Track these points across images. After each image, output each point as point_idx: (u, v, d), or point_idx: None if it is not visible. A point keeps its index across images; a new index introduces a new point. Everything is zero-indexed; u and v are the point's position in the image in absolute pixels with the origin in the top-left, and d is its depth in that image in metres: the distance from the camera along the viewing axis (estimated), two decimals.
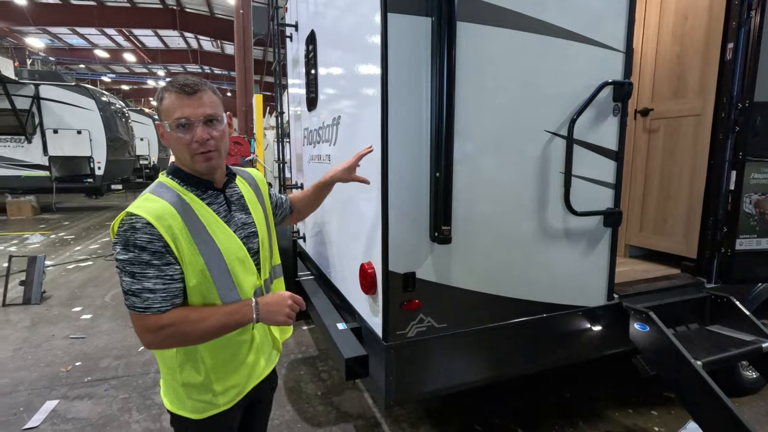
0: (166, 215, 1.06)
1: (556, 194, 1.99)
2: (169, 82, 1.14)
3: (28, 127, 10.19)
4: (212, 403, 1.20)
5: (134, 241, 1.03)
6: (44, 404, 2.77)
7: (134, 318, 1.07)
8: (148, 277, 1.04)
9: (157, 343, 1.09)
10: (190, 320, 1.08)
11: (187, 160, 1.14)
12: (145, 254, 1.04)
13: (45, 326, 4.03)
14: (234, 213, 1.24)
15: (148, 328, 1.06)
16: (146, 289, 1.04)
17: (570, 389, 2.92)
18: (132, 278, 1.04)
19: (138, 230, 1.03)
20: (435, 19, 1.63)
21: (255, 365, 1.28)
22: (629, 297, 2.27)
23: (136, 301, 1.05)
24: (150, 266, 1.04)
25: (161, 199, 1.09)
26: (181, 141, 1.11)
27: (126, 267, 1.04)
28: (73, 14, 16.84)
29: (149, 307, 1.05)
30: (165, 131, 1.13)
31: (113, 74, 27.73)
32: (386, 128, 1.67)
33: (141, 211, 1.05)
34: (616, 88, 2.02)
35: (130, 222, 1.04)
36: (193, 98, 1.11)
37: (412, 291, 1.77)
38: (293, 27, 3.34)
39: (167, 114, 1.11)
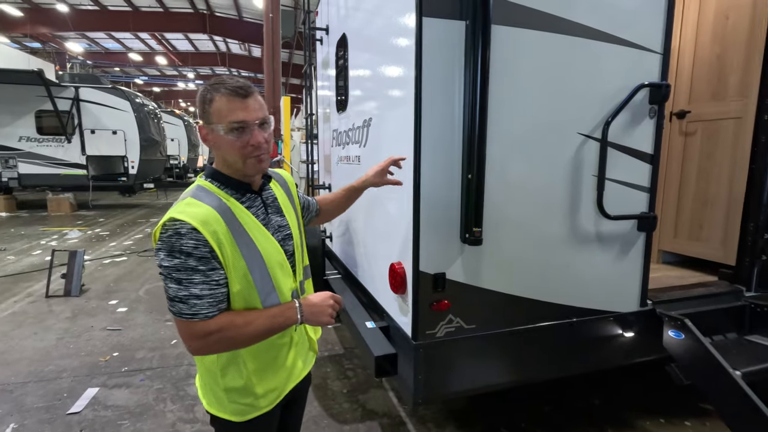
0: (211, 220, 1.04)
1: (589, 197, 1.97)
2: (215, 84, 1.09)
3: (68, 127, 10.70)
4: (254, 405, 1.20)
5: (180, 247, 1.01)
6: (86, 391, 2.91)
7: (181, 324, 1.05)
8: (195, 283, 1.02)
9: (204, 349, 1.08)
10: (237, 325, 1.07)
11: (239, 164, 1.12)
12: (191, 260, 1.02)
13: (84, 318, 4.23)
14: (271, 216, 1.23)
15: (196, 334, 1.04)
16: (193, 296, 1.03)
17: (598, 395, 2.86)
18: (178, 285, 1.02)
19: (183, 236, 1.01)
20: (469, 22, 1.64)
21: (293, 367, 1.29)
22: (663, 303, 2.22)
23: (183, 308, 1.03)
24: (196, 272, 1.02)
25: (204, 204, 1.07)
26: (235, 144, 1.09)
27: (172, 273, 1.02)
28: (110, 20, 17.57)
29: (197, 313, 1.03)
30: (213, 134, 1.10)
31: (146, 77, 28.74)
32: (419, 130, 1.70)
33: (185, 216, 1.02)
34: (653, 90, 1.99)
35: (175, 228, 1.01)
36: (247, 101, 1.09)
37: (441, 291, 1.79)
38: (324, 30, 3.40)
39: (219, 117, 1.08)
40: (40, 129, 10.69)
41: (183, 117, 19.60)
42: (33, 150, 10.73)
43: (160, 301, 4.71)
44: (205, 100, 1.10)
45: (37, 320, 4.13)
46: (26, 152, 10.70)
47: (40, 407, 2.73)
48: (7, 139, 10.57)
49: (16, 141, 10.62)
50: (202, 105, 1.11)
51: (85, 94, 10.81)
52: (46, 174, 10.93)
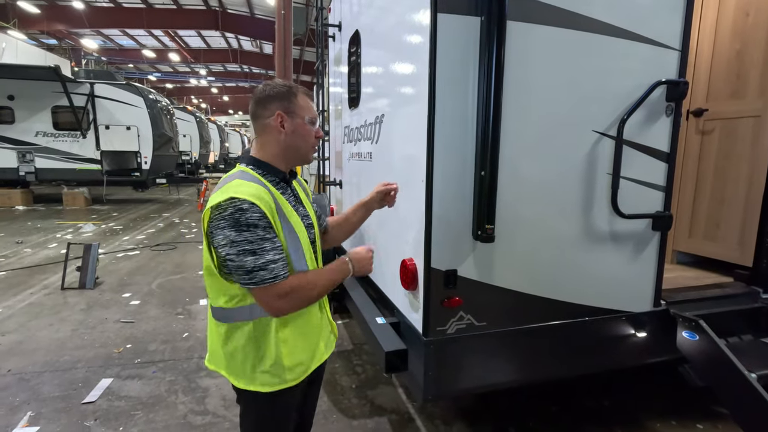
0: (264, 195, 1.17)
1: (603, 195, 1.95)
2: (296, 87, 1.31)
3: (83, 123, 10.87)
4: (282, 378, 1.28)
5: (246, 221, 1.11)
6: (100, 381, 2.97)
7: (263, 291, 1.16)
8: (267, 250, 1.14)
9: (286, 307, 1.21)
10: (309, 281, 1.22)
11: (307, 150, 1.34)
12: (259, 230, 1.13)
13: (99, 310, 4.31)
14: (297, 205, 1.36)
15: (279, 294, 1.17)
16: (270, 261, 1.14)
17: (608, 396, 2.84)
18: (254, 255, 1.12)
19: (246, 210, 1.11)
20: (485, 18, 1.63)
21: (317, 347, 1.39)
22: (677, 304, 2.19)
23: (264, 275, 1.14)
24: (266, 240, 1.14)
25: (253, 184, 1.19)
26: (312, 133, 1.33)
27: (245, 247, 1.12)
28: (124, 16, 17.81)
29: (277, 275, 1.15)
30: (297, 121, 1.29)
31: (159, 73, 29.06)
32: (432, 127, 1.69)
33: (243, 194, 1.13)
34: (670, 88, 1.96)
35: (235, 205, 1.11)
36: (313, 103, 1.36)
37: (453, 288, 1.78)
38: (337, 27, 3.41)
39: (304, 110, 1.30)
40: (56, 124, 10.89)
41: (195, 113, 19.78)
42: (49, 145, 10.93)
43: (171, 295, 4.77)
44: (290, 93, 1.29)
45: (53, 312, 4.21)
46: (43, 147, 10.90)
47: (56, 396, 2.79)
48: (25, 134, 10.78)
49: (33, 136, 10.83)
50: (287, 98, 1.28)
51: (100, 90, 10.97)
52: (62, 169, 11.13)
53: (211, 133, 22.29)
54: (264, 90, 1.30)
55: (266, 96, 1.28)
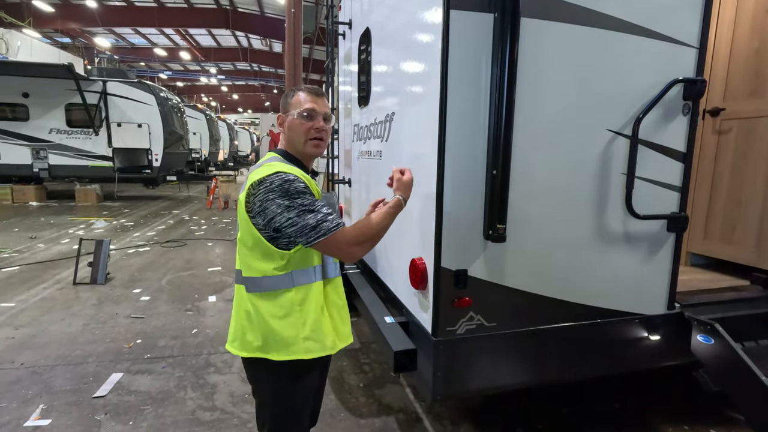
0: (301, 175, 1.34)
1: (617, 196, 1.92)
2: (298, 87, 1.45)
3: (95, 120, 11.01)
4: (323, 343, 1.39)
5: (296, 188, 1.26)
6: (110, 376, 3.00)
7: (332, 240, 1.27)
8: (321, 205, 1.29)
9: (359, 249, 1.32)
10: (369, 224, 1.35)
11: (301, 143, 1.42)
12: (308, 195, 1.28)
13: (109, 305, 4.36)
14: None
15: (349, 240, 1.29)
16: (327, 214, 1.27)
17: (619, 399, 2.80)
18: (312, 212, 1.26)
19: (293, 181, 1.27)
20: (498, 15, 1.61)
21: (343, 327, 1.51)
22: (692, 307, 2.15)
23: (329, 225, 1.26)
24: (316, 202, 1.29)
25: (291, 166, 1.37)
26: (303, 126, 1.40)
27: (302, 208, 1.25)
28: (136, 15, 18.00)
29: (338, 223, 1.28)
30: (288, 118, 1.41)
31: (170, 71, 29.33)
32: (444, 125, 1.68)
33: (286, 170, 1.30)
34: (687, 86, 1.92)
35: (282, 177, 1.26)
36: (319, 99, 1.43)
37: (463, 288, 1.77)
38: (347, 25, 3.40)
39: (296, 105, 1.41)
40: (69, 122, 11.04)
41: (205, 111, 19.93)
42: (62, 142, 11.08)
43: (181, 291, 4.81)
44: (287, 95, 1.46)
45: (65, 306, 4.27)
46: (56, 144, 11.06)
47: (68, 390, 2.83)
48: (39, 131, 10.95)
49: (47, 133, 10.99)
50: (284, 99, 1.45)
51: (112, 88, 11.10)
52: (75, 165, 11.29)
53: (220, 131, 22.46)
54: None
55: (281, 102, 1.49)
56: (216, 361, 3.25)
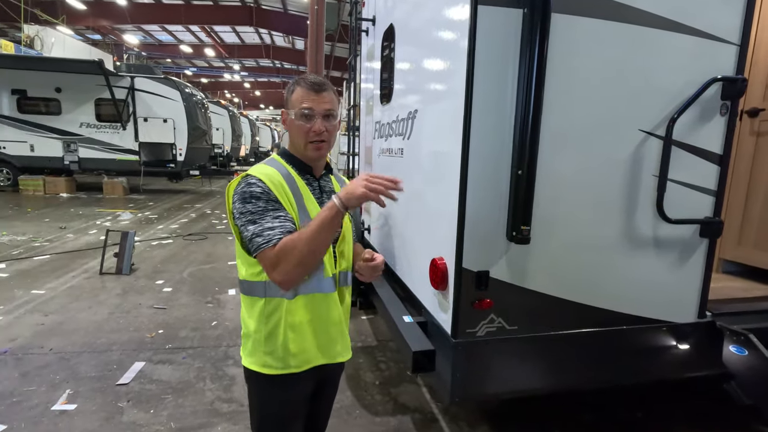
0: (274, 176, 1.24)
1: (647, 198, 1.85)
2: (300, 78, 1.31)
3: (123, 115, 11.32)
4: (285, 362, 1.29)
5: (251, 193, 1.19)
6: (133, 364, 3.08)
7: (260, 259, 1.18)
8: (266, 218, 1.18)
9: (283, 273, 1.15)
10: (293, 238, 1.15)
11: (301, 146, 1.31)
12: (261, 202, 1.19)
13: (133, 295, 4.47)
14: (324, 199, 1.35)
15: (270, 261, 1.15)
16: (267, 228, 1.17)
17: (642, 408, 2.72)
18: (254, 224, 1.17)
19: (253, 185, 1.20)
20: (527, 10, 1.57)
21: (328, 345, 1.36)
22: (724, 316, 2.06)
23: (260, 241, 1.16)
24: (267, 211, 1.19)
25: (272, 167, 1.28)
26: (302, 129, 1.28)
27: (248, 216, 1.18)
28: (164, 12, 18.41)
29: (269, 240, 1.15)
30: (289, 118, 1.30)
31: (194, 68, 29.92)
32: (468, 123, 1.64)
33: (255, 172, 1.24)
34: (726, 85, 1.83)
35: (247, 181, 1.22)
36: (319, 95, 1.28)
37: (484, 290, 1.73)
38: (370, 21, 3.38)
39: (295, 103, 1.28)
40: (98, 116, 11.38)
41: (228, 107, 20.27)
42: (92, 136, 11.44)
43: (202, 284, 4.90)
44: (289, 89, 1.33)
45: (92, 295, 4.40)
46: (86, 137, 11.43)
47: (93, 376, 2.92)
48: (70, 125, 11.32)
49: (78, 127, 11.36)
50: (286, 94, 1.33)
51: (139, 83, 11.38)
52: (103, 158, 11.64)
53: (242, 126, 22.80)
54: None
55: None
56: (234, 353, 3.29)
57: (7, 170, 11.58)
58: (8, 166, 11.54)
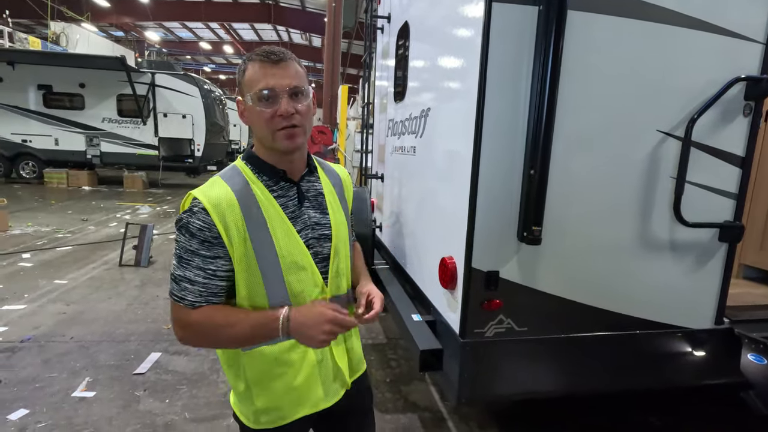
0: (223, 203, 0.97)
1: (664, 201, 1.81)
2: (251, 53, 1.01)
3: (144, 110, 11.56)
4: (255, 419, 1.11)
5: (187, 225, 0.97)
6: (150, 355, 3.16)
7: (171, 305, 1.01)
8: (191, 266, 0.97)
9: (186, 339, 1.01)
10: (216, 323, 0.98)
11: (268, 138, 1.01)
12: (194, 242, 0.96)
13: (151, 287, 4.58)
14: (305, 210, 1.09)
15: (179, 320, 1.00)
16: (186, 279, 0.97)
17: (656, 414, 2.66)
18: (178, 263, 0.99)
19: (194, 215, 0.97)
20: (543, 8, 1.54)
21: (307, 392, 1.11)
22: (743, 323, 2.00)
23: (174, 288, 0.99)
24: (196, 255, 0.97)
25: (226, 186, 1.01)
26: (263, 115, 0.98)
27: (177, 250, 0.99)
28: (185, 10, 18.69)
29: (183, 298, 0.98)
30: (246, 106, 1.01)
31: (213, 65, 30.33)
32: (480, 121, 1.63)
33: (201, 195, 0.98)
34: (750, 85, 1.77)
35: (191, 205, 0.98)
36: (278, 67, 0.98)
37: (494, 290, 1.72)
38: (386, 19, 3.38)
39: (249, 85, 0.98)
40: (120, 111, 11.65)
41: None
42: (114, 130, 11.72)
43: None
44: (239, 71, 1.03)
45: (111, 286, 4.53)
46: (108, 132, 11.71)
47: (111, 365, 3.00)
48: (93, 120, 11.62)
49: (100, 122, 11.65)
50: (240, 76, 1.02)
51: (159, 79, 11.61)
52: (124, 153, 11.93)
53: None
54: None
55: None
56: None
57: (33, 163, 11.96)
58: (34, 159, 11.91)
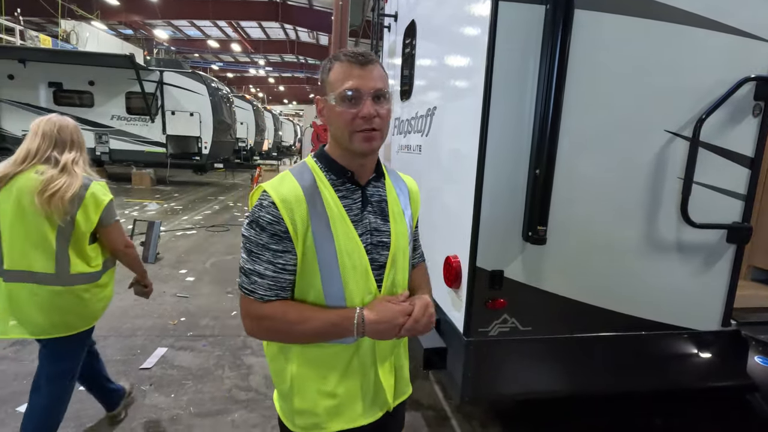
0: (291, 198, 0.99)
1: (671, 201, 1.80)
2: (338, 53, 1.02)
3: (152, 108, 11.65)
4: (291, 420, 1.10)
5: (257, 219, 0.98)
6: (156, 350, 3.19)
7: (241, 298, 1.04)
8: (261, 260, 0.99)
9: (255, 331, 1.04)
10: (289, 320, 1.00)
11: (345, 139, 1.00)
12: (264, 235, 0.98)
13: (158, 283, 4.62)
14: (367, 214, 1.08)
15: (249, 313, 1.02)
16: (256, 272, 0.99)
17: (661, 415, 2.65)
18: (248, 256, 1.00)
19: (264, 209, 0.98)
20: (550, 6, 1.54)
21: (346, 404, 1.08)
22: (750, 325, 1.98)
23: (244, 281, 1.01)
24: (266, 249, 0.99)
25: (295, 181, 1.02)
26: (344, 115, 0.98)
27: (246, 244, 1.01)
28: (193, 8, 18.78)
29: (253, 291, 1.00)
30: (327, 105, 1.02)
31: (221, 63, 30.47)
32: (486, 121, 1.63)
33: (271, 189, 1.00)
34: (760, 85, 1.76)
35: (260, 201, 1.00)
36: (365, 69, 0.98)
37: (498, 289, 1.72)
38: (393, 17, 3.38)
39: (333, 85, 0.99)
40: (129, 109, 11.76)
41: (252, 102, 20.59)
42: (122, 128, 11.83)
43: (223, 275, 5.02)
44: (324, 68, 1.04)
45: (118, 281, 4.56)
46: (116, 129, 11.82)
47: (118, 360, 3.04)
48: (102, 117, 11.74)
49: (109, 119, 11.77)
50: (321, 75, 1.05)
51: (168, 77, 11.69)
52: (132, 150, 12.03)
53: (266, 121, 23.12)
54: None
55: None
56: (252, 343, 3.37)
57: None
58: None
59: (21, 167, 1.79)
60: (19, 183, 1.76)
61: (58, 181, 1.77)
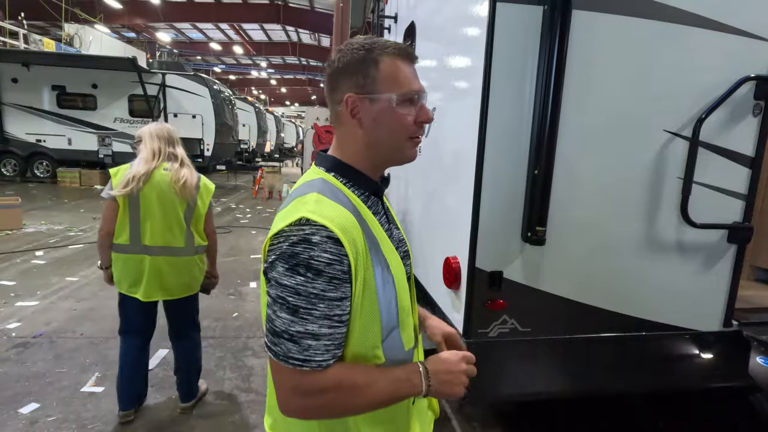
0: (350, 227, 0.76)
1: (671, 201, 1.79)
2: (375, 44, 0.83)
3: (155, 111, 11.70)
4: None
5: (308, 261, 0.72)
6: (157, 351, 3.20)
7: (283, 373, 0.75)
8: (314, 316, 0.73)
9: (308, 410, 0.77)
10: (355, 384, 0.76)
11: (397, 146, 0.84)
12: (320, 281, 0.72)
13: None
14: (392, 227, 0.93)
15: (303, 389, 0.74)
16: (309, 334, 0.73)
17: (663, 417, 2.63)
18: (292, 315, 0.73)
19: (315, 246, 0.72)
20: (548, 7, 1.54)
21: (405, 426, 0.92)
22: (752, 326, 1.97)
23: (291, 349, 0.73)
24: (321, 301, 0.73)
25: (336, 203, 0.78)
26: (405, 120, 0.82)
27: (288, 298, 0.73)
28: (195, 11, 18.89)
29: (309, 359, 0.73)
30: (377, 105, 0.82)
31: (223, 65, 30.60)
32: (485, 121, 1.63)
33: (321, 218, 0.73)
34: (760, 84, 1.75)
35: (305, 233, 0.72)
36: (414, 68, 0.86)
37: (497, 290, 1.72)
38: (392, 18, 3.38)
39: (392, 83, 0.81)
40: (131, 111, 11.80)
41: (254, 104, 20.66)
42: (125, 130, 11.88)
43: (224, 276, 5.01)
44: (367, 61, 0.81)
45: None
46: (119, 132, 11.88)
47: None
48: (105, 120, 11.79)
49: (112, 122, 11.82)
50: (364, 68, 0.81)
51: (170, 80, 11.74)
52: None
53: (268, 123, 23.19)
54: (336, 59, 0.85)
55: (336, 70, 0.84)
56: (254, 344, 3.38)
57: (47, 163, 12.16)
58: (47, 159, 12.12)
59: (154, 164, 2.22)
60: (157, 177, 2.21)
61: (183, 172, 2.25)
